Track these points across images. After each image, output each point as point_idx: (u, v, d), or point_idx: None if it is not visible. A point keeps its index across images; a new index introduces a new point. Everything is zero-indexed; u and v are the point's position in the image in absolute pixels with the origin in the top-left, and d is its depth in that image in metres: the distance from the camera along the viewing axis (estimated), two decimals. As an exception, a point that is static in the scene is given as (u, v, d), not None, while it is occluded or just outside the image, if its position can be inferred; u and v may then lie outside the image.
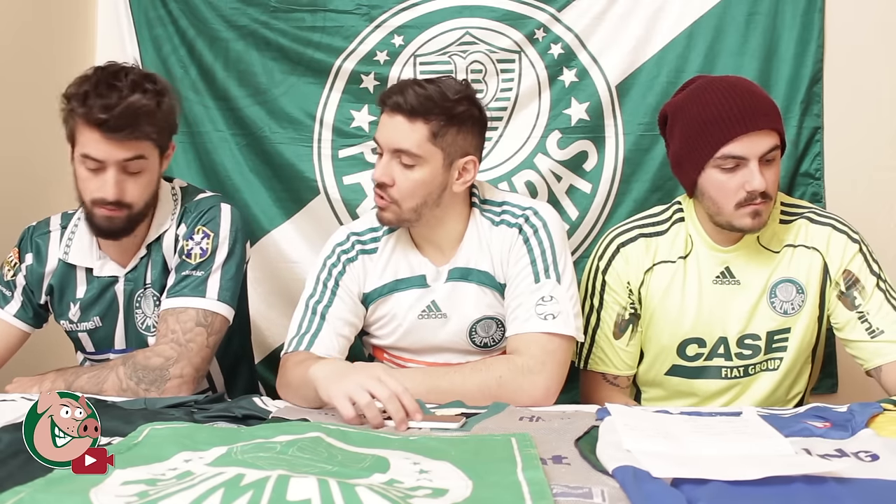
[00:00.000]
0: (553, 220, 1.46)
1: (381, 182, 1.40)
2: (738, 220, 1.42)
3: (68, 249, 1.55)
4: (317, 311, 1.44)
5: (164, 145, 1.47)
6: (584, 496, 0.86)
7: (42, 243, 1.57)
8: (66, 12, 2.06)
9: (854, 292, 1.46)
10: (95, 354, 1.60)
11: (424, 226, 1.46)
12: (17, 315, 1.57)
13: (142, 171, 1.42)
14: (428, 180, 1.40)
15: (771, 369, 1.52)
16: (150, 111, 1.39)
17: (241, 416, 1.20)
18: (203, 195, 1.58)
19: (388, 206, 1.42)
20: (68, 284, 1.56)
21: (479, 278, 1.47)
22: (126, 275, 1.53)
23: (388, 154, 1.40)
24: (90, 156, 1.38)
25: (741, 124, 1.38)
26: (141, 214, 1.46)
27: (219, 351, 1.54)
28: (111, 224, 1.43)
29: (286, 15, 2.08)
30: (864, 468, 0.94)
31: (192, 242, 1.49)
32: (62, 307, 1.57)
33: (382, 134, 1.42)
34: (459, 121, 1.40)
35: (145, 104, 1.38)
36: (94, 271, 1.53)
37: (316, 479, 0.83)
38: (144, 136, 1.39)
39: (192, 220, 1.52)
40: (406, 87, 1.39)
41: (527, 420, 1.18)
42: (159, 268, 1.53)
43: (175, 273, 1.49)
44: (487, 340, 1.50)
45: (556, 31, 2.04)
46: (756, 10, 1.99)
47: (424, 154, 1.38)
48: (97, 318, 1.56)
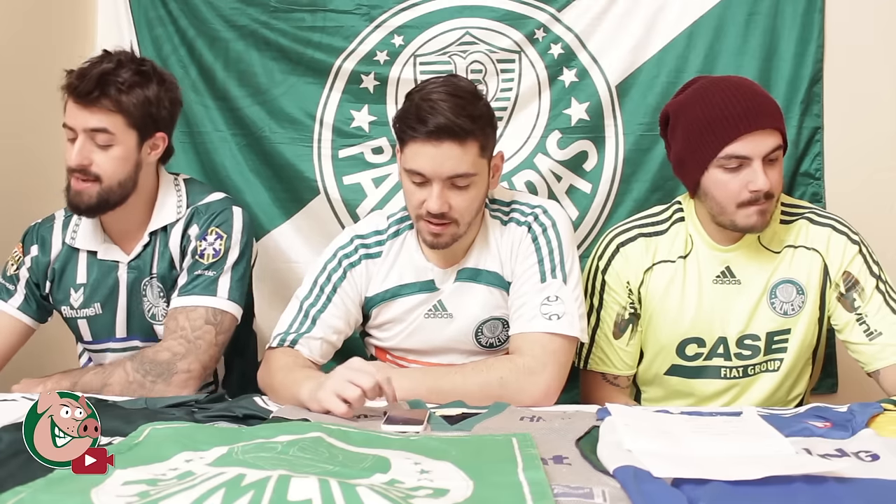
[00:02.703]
0: (562, 219, 1.46)
1: (441, 212, 1.34)
2: (741, 220, 1.42)
3: (75, 234, 1.57)
4: (308, 315, 1.44)
5: (143, 128, 1.47)
6: (584, 496, 0.86)
7: (47, 234, 1.59)
8: (66, 12, 2.06)
9: (853, 294, 1.46)
10: (94, 344, 1.61)
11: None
12: (20, 308, 1.58)
13: (111, 145, 1.44)
14: (482, 192, 1.39)
15: (771, 370, 1.52)
16: (123, 83, 1.42)
17: (242, 416, 1.20)
18: (213, 197, 1.59)
19: (445, 230, 1.37)
20: (70, 269, 1.57)
21: (487, 279, 1.47)
22: (129, 262, 1.55)
23: (440, 182, 1.33)
24: (66, 124, 1.44)
25: (744, 124, 1.37)
26: (116, 193, 1.47)
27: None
28: (80, 198, 1.45)
29: (286, 15, 2.08)
30: (865, 468, 0.94)
31: (205, 243, 1.51)
32: (63, 292, 1.58)
33: (429, 165, 1.31)
34: (491, 123, 1.38)
35: (119, 75, 1.42)
36: (98, 254, 1.55)
37: (317, 479, 0.83)
38: (112, 107, 1.42)
39: (205, 221, 1.53)
40: (435, 108, 1.30)
41: (528, 420, 1.18)
42: (167, 262, 1.54)
43: (187, 273, 1.51)
44: (493, 341, 1.50)
45: (556, 31, 2.04)
46: (756, 10, 1.99)
47: (478, 170, 1.35)
48: (98, 304, 1.57)
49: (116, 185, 1.47)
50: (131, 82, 1.44)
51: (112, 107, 1.42)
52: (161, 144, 1.53)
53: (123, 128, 1.45)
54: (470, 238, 1.46)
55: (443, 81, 1.36)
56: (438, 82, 1.36)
